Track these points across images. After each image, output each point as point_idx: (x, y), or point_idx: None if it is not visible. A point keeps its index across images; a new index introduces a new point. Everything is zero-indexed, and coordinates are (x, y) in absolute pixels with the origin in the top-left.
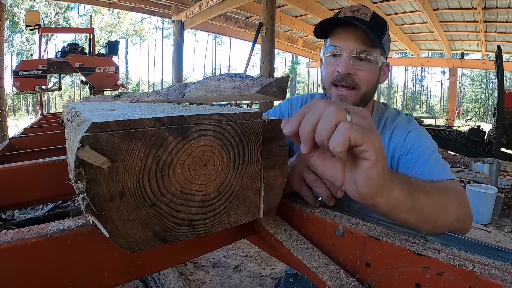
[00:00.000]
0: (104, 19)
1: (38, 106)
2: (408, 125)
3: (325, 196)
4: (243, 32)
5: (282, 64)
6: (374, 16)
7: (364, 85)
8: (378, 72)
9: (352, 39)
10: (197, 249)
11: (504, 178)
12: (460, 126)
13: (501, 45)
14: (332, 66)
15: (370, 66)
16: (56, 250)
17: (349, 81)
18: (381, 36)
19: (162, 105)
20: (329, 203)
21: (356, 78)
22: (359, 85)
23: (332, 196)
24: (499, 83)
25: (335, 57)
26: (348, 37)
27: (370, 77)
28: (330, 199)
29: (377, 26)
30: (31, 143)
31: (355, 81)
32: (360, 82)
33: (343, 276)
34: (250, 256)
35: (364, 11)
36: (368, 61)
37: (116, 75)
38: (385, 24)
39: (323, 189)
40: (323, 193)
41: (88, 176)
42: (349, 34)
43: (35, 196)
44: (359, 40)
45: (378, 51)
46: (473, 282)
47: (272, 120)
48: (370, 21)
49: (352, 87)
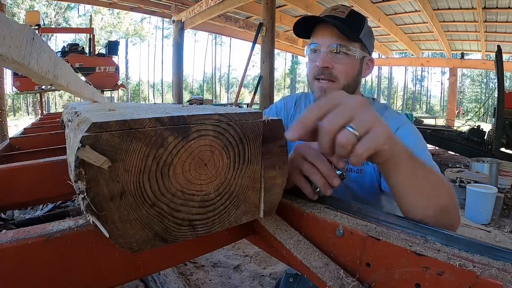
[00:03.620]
0: (104, 19)
1: (38, 106)
2: (397, 121)
3: (321, 184)
4: (243, 32)
5: (282, 64)
6: (352, 13)
7: (342, 78)
8: (358, 65)
9: (328, 35)
10: (197, 249)
11: (504, 178)
12: (460, 126)
13: (501, 45)
14: (313, 62)
15: (348, 60)
16: (56, 250)
17: (327, 74)
18: (358, 31)
19: (162, 105)
20: (326, 192)
21: (334, 71)
22: (338, 77)
23: (328, 184)
24: (499, 83)
25: (315, 53)
26: (325, 33)
27: (349, 70)
28: (327, 188)
29: (353, 21)
30: (31, 143)
31: (333, 74)
32: (338, 74)
33: (343, 276)
34: (250, 256)
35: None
36: (346, 55)
37: (116, 75)
38: (363, 20)
39: (319, 178)
40: (319, 181)
41: (88, 176)
42: (326, 31)
43: (35, 196)
44: (335, 36)
45: (357, 45)
46: (473, 282)
47: (272, 120)
48: (347, 18)
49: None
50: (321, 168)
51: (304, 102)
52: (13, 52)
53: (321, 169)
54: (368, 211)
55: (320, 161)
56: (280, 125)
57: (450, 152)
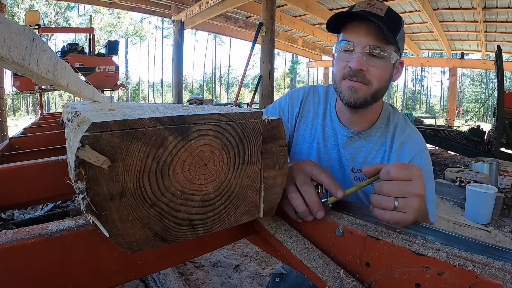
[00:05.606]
0: (104, 19)
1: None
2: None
3: (301, 211)
4: (243, 32)
5: (282, 64)
6: (389, 11)
7: (376, 82)
8: (391, 69)
9: (365, 34)
10: (197, 249)
11: (504, 178)
12: (460, 126)
13: (501, 45)
14: (344, 61)
15: (383, 63)
16: (56, 250)
17: (360, 77)
18: (396, 32)
19: (162, 105)
20: (307, 218)
21: (368, 74)
22: (371, 81)
23: (310, 212)
24: (499, 83)
25: (347, 52)
26: (361, 32)
27: (383, 74)
28: (307, 215)
29: (392, 21)
30: (31, 143)
31: (367, 78)
32: (372, 78)
33: (343, 276)
34: (250, 256)
35: (378, 6)
36: (381, 58)
37: (116, 75)
38: (400, 20)
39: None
40: (299, 207)
41: (88, 176)
42: (362, 29)
43: (35, 196)
44: (373, 36)
45: (392, 48)
46: (473, 282)
47: (272, 120)
48: (385, 16)
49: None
50: (306, 197)
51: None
52: (14, 53)
53: (306, 198)
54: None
55: (306, 188)
56: (280, 125)
57: (450, 152)
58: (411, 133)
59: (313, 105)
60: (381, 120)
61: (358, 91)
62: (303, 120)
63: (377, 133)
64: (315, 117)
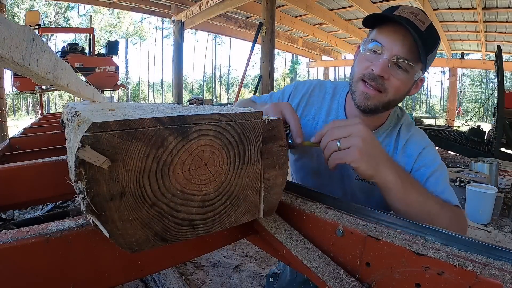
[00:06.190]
0: (104, 19)
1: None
2: (422, 142)
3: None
4: (243, 32)
5: (282, 64)
6: (430, 27)
7: (392, 93)
8: (411, 84)
9: (399, 42)
10: (197, 249)
11: (504, 178)
12: (460, 126)
13: (501, 45)
14: (368, 62)
15: (405, 77)
16: (56, 250)
17: (379, 83)
18: (429, 52)
19: (162, 105)
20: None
21: (387, 83)
22: (388, 90)
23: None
24: (499, 83)
25: (374, 53)
26: (395, 38)
27: (401, 87)
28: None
29: (429, 39)
30: (31, 143)
31: (385, 86)
32: (389, 87)
33: (343, 276)
34: (250, 256)
35: (422, 19)
36: (405, 71)
37: (116, 75)
38: (438, 40)
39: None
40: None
41: (88, 176)
42: (397, 36)
43: (35, 196)
44: (406, 48)
45: (419, 65)
46: (473, 282)
47: (272, 120)
48: (424, 32)
49: (379, 90)
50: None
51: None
52: (14, 54)
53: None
54: (368, 211)
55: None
56: (280, 125)
57: (450, 152)
58: (416, 132)
59: (317, 100)
60: (389, 121)
61: (371, 99)
62: (305, 113)
63: (384, 133)
64: (317, 113)
